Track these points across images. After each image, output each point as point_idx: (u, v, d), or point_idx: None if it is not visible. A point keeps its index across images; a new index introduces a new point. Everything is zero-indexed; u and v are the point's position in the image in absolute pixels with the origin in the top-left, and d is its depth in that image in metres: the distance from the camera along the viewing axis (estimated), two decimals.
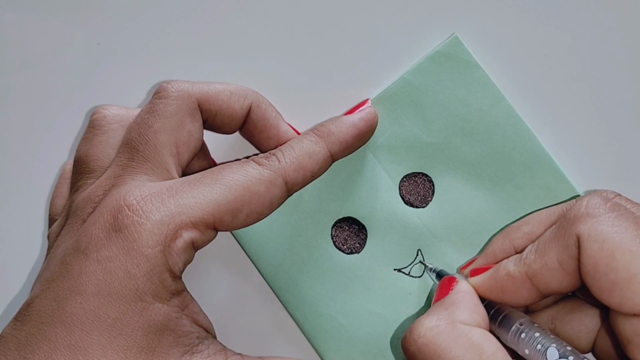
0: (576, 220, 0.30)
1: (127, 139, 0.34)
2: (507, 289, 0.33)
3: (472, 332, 0.31)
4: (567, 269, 0.31)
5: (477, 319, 0.32)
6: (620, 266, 0.29)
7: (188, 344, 0.31)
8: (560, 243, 0.31)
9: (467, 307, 0.32)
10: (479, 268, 0.35)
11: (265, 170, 0.33)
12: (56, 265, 0.31)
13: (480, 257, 0.36)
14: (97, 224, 0.31)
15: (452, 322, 0.31)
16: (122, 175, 0.33)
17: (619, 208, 0.31)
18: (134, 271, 0.30)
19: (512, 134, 0.39)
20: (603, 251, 0.29)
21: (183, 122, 0.34)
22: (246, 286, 0.41)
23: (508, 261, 0.33)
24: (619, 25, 0.39)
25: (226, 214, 0.32)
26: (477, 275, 0.34)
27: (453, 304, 0.33)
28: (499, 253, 0.35)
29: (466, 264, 0.38)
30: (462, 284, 0.34)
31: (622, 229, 0.29)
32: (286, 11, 0.41)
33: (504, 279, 0.33)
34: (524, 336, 0.31)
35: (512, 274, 0.32)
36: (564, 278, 0.31)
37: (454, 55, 0.39)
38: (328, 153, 0.36)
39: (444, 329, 0.31)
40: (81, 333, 0.30)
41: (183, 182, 0.32)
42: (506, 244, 0.35)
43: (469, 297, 0.33)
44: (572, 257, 0.30)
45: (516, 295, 0.32)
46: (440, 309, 0.32)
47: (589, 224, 0.30)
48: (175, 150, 0.34)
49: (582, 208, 0.31)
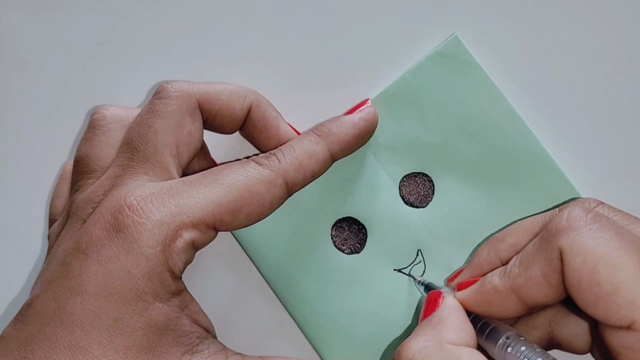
0: (557, 233, 0.30)
1: (127, 139, 0.34)
2: (494, 303, 0.32)
3: (460, 353, 0.30)
4: (551, 282, 0.30)
5: (464, 337, 0.31)
6: (603, 279, 0.28)
7: (188, 344, 0.32)
8: (543, 256, 0.30)
9: (454, 325, 0.32)
10: (465, 282, 0.34)
11: (265, 171, 0.33)
12: (56, 266, 0.31)
13: (466, 269, 0.36)
14: (98, 224, 0.31)
15: (439, 343, 0.30)
16: (123, 175, 0.33)
17: (600, 219, 0.30)
18: (134, 271, 0.30)
19: (512, 133, 0.39)
20: (586, 265, 0.29)
21: (183, 122, 0.34)
22: (246, 286, 0.41)
23: (493, 274, 0.33)
24: (619, 24, 0.39)
25: (226, 214, 0.32)
26: (463, 289, 0.34)
27: (440, 322, 0.32)
28: (485, 265, 0.35)
29: (453, 275, 0.37)
30: (448, 300, 0.33)
31: (604, 241, 0.29)
32: (286, 11, 0.41)
33: (490, 293, 0.32)
34: (510, 350, 0.31)
35: (498, 287, 0.32)
36: (548, 291, 0.30)
37: (453, 56, 0.39)
38: (328, 153, 0.36)
39: (431, 351, 0.30)
40: (81, 333, 0.30)
41: (183, 182, 0.32)
42: (491, 255, 0.34)
43: (456, 314, 0.33)
44: (556, 270, 0.30)
45: (503, 308, 0.32)
46: (427, 329, 0.32)
47: (571, 237, 0.29)
48: (175, 151, 0.34)
49: (563, 221, 0.30)
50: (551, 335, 0.35)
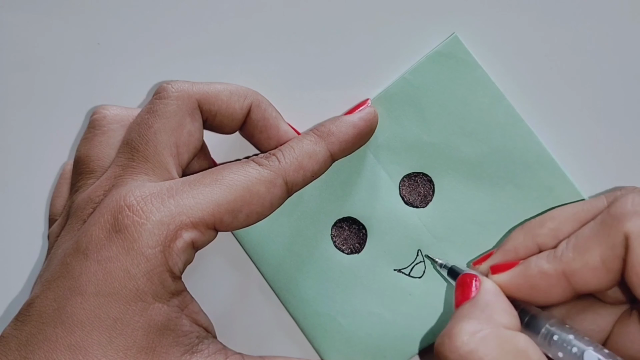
0: (623, 218, 0.29)
1: (127, 139, 0.35)
2: (540, 288, 0.31)
3: (517, 338, 0.29)
4: (610, 268, 0.29)
5: (515, 323, 0.30)
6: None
7: (188, 344, 0.32)
8: (605, 241, 0.29)
9: (503, 309, 0.30)
10: (501, 264, 0.33)
11: (265, 171, 0.33)
12: (56, 266, 0.31)
13: (498, 252, 0.35)
14: (98, 224, 0.31)
15: (496, 327, 0.29)
16: (123, 175, 0.33)
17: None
18: (134, 271, 0.30)
19: (512, 133, 0.39)
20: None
21: (183, 122, 0.34)
22: (246, 286, 0.41)
23: (539, 258, 0.31)
24: (619, 24, 0.39)
25: (226, 214, 0.32)
26: (501, 273, 0.33)
27: (487, 305, 0.30)
28: (520, 249, 0.33)
29: (480, 257, 0.36)
30: (487, 284, 0.32)
31: None
32: (286, 11, 0.41)
33: (536, 277, 0.31)
34: (556, 338, 0.30)
35: (547, 271, 0.31)
36: (604, 277, 0.29)
37: (453, 55, 0.39)
38: (328, 153, 0.36)
39: (489, 335, 0.28)
40: (81, 333, 0.30)
41: (183, 182, 0.33)
42: (528, 240, 0.33)
43: (500, 297, 0.31)
44: (618, 255, 0.29)
45: (548, 294, 0.31)
46: (476, 311, 0.30)
47: (639, 222, 0.29)
48: (175, 151, 0.34)
49: (628, 205, 0.29)
50: None
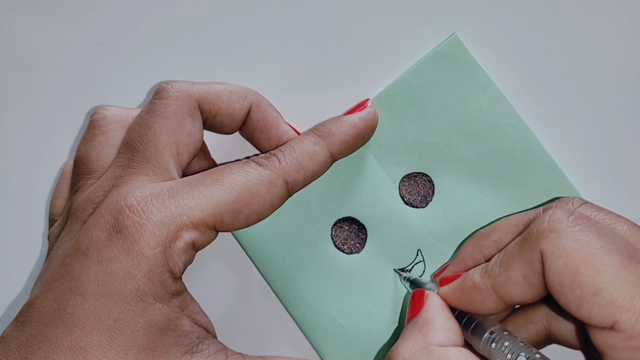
0: (539, 236, 0.30)
1: (127, 140, 0.35)
2: (474, 300, 0.32)
3: (448, 354, 0.30)
4: (531, 283, 0.30)
5: (451, 337, 0.32)
6: (584, 281, 0.28)
7: (188, 344, 0.32)
8: (524, 258, 0.30)
9: (440, 325, 0.32)
10: (448, 277, 0.35)
11: (265, 171, 0.33)
12: (56, 266, 0.31)
13: (451, 265, 0.37)
14: (98, 225, 0.31)
15: (427, 347, 0.31)
16: (123, 175, 0.33)
17: (582, 220, 0.30)
18: (135, 272, 0.30)
19: (512, 134, 0.39)
20: (567, 267, 0.29)
21: (183, 122, 0.34)
22: (246, 286, 0.41)
23: (475, 272, 0.33)
24: (618, 24, 0.39)
25: (226, 215, 0.32)
26: (446, 285, 0.34)
27: (426, 323, 0.33)
28: (468, 261, 0.35)
29: (440, 270, 0.38)
30: (432, 299, 0.34)
31: (585, 244, 0.29)
32: (286, 11, 0.41)
33: (470, 290, 0.32)
34: (494, 345, 0.31)
35: (478, 285, 0.32)
36: (528, 291, 0.31)
37: (453, 55, 0.39)
38: (328, 153, 0.36)
39: (420, 356, 0.31)
40: (82, 333, 0.30)
41: (183, 182, 0.33)
42: (475, 252, 0.35)
43: (440, 312, 0.33)
44: (536, 272, 0.30)
45: (483, 305, 0.32)
46: (414, 332, 0.32)
47: (552, 240, 0.30)
48: (175, 151, 0.34)
49: (544, 223, 0.30)
50: (548, 330, 0.35)
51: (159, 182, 0.33)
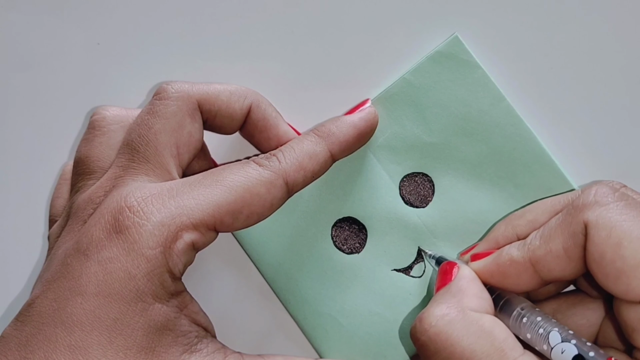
0: (584, 208, 0.30)
1: (127, 140, 0.34)
2: (510, 274, 0.32)
3: (482, 319, 0.31)
4: (572, 256, 0.30)
5: (484, 306, 0.32)
6: (627, 254, 0.29)
7: (187, 343, 0.32)
8: (567, 230, 0.31)
9: (474, 293, 0.32)
10: (480, 253, 0.35)
11: (265, 172, 0.33)
12: (57, 266, 0.31)
13: (481, 243, 0.36)
14: (98, 225, 0.31)
15: (462, 310, 0.31)
16: (123, 176, 0.33)
17: (627, 197, 0.30)
18: (135, 272, 0.30)
19: (512, 134, 0.39)
20: (611, 239, 0.29)
21: (183, 123, 0.34)
22: (246, 286, 0.41)
23: (511, 246, 0.33)
24: (618, 24, 0.39)
25: (226, 216, 0.32)
26: (478, 260, 0.34)
27: (459, 290, 0.32)
28: (501, 239, 0.35)
29: (467, 249, 0.38)
30: (464, 270, 0.34)
31: (630, 217, 0.29)
32: (286, 11, 0.41)
33: (506, 264, 0.32)
34: (525, 320, 0.31)
35: (515, 259, 0.32)
36: (567, 265, 0.31)
37: (454, 55, 0.39)
38: (329, 153, 0.36)
39: (455, 317, 0.31)
40: (81, 333, 0.30)
41: (184, 183, 0.33)
42: (509, 230, 0.35)
43: (474, 282, 0.33)
44: (578, 244, 0.30)
45: (518, 280, 0.32)
46: (448, 297, 0.32)
47: (597, 211, 0.30)
48: (175, 151, 0.34)
49: (590, 196, 0.31)
50: None
51: (159, 182, 0.33)
